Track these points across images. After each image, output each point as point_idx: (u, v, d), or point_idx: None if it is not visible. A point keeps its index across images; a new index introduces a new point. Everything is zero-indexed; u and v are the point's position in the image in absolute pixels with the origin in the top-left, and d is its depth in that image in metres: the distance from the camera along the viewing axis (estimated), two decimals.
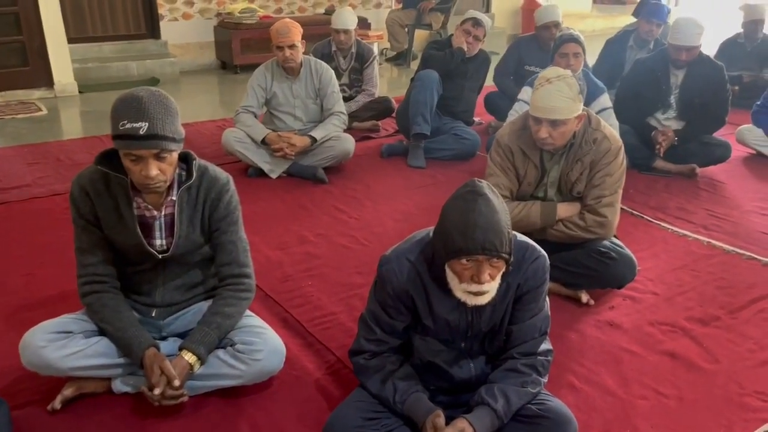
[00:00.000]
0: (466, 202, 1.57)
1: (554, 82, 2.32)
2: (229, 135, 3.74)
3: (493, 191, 1.62)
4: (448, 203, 1.63)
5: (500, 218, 1.56)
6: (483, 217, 1.54)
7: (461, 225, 1.55)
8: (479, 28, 4.16)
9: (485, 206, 1.55)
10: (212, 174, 2.03)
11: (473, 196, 1.57)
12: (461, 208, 1.57)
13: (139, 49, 6.53)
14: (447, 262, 1.61)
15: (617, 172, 2.48)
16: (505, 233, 1.55)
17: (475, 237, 1.52)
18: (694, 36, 3.71)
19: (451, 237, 1.56)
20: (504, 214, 1.59)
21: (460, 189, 1.63)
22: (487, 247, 1.52)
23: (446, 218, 1.60)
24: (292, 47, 3.67)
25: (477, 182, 1.62)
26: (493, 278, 1.59)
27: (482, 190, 1.58)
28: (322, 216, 3.31)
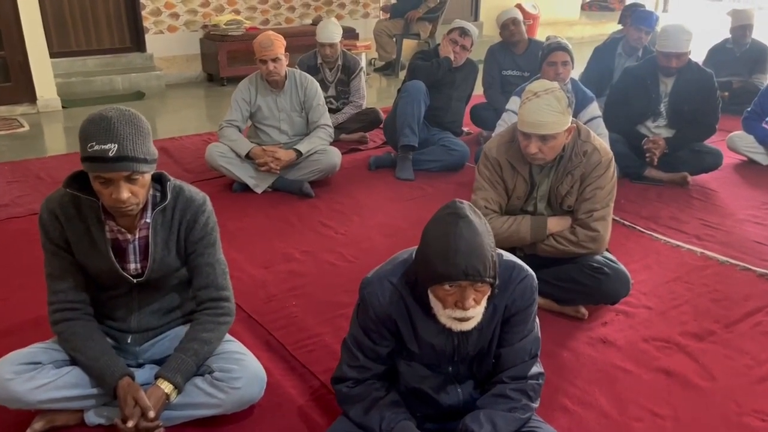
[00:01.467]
0: (447, 225, 1.50)
1: (542, 96, 2.26)
2: (213, 150, 3.67)
3: (475, 212, 1.55)
4: (428, 226, 1.56)
5: (483, 241, 1.49)
6: (464, 240, 1.46)
7: (442, 250, 1.47)
8: (466, 38, 4.11)
9: (467, 229, 1.48)
10: (188, 194, 1.95)
11: (454, 218, 1.50)
12: (442, 232, 1.50)
13: (125, 62, 6.45)
14: (429, 288, 1.54)
15: (608, 185, 2.42)
16: (488, 256, 1.48)
17: (457, 262, 1.45)
18: (682, 42, 3.68)
19: (432, 262, 1.49)
20: (487, 235, 1.51)
21: (441, 211, 1.56)
22: (469, 272, 1.45)
23: (427, 242, 1.53)
24: (275, 60, 3.60)
25: (458, 203, 1.54)
26: (478, 303, 1.52)
27: (463, 212, 1.51)
28: (308, 232, 3.24)
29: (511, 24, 4.63)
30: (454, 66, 4.14)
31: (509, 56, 4.70)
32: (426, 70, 4.10)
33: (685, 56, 3.73)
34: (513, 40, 4.66)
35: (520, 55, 4.66)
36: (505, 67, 4.68)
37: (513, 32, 4.63)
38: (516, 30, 4.63)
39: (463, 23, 4.18)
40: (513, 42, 4.66)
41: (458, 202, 1.55)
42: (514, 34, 4.64)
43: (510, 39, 4.66)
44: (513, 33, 4.64)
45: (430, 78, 4.09)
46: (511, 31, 4.64)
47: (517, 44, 4.66)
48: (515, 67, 4.65)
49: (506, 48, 4.73)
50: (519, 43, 4.66)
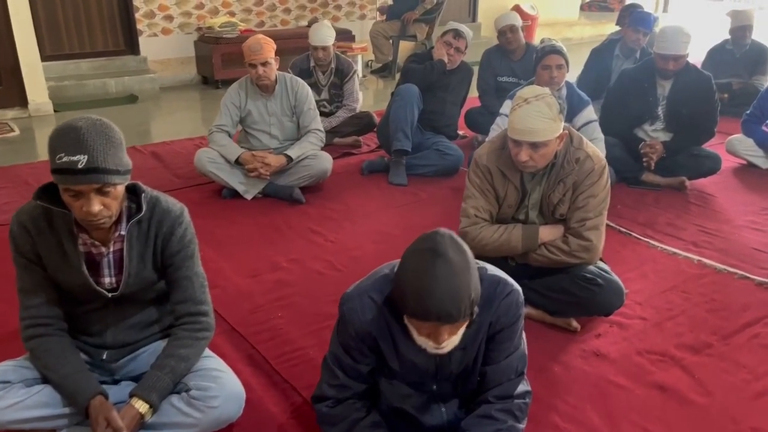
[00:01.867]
0: (424, 262, 1.41)
1: (533, 102, 2.19)
2: (202, 155, 3.60)
3: (457, 245, 1.45)
4: (405, 256, 1.48)
5: (460, 282, 1.40)
6: (439, 283, 1.38)
7: (415, 289, 1.40)
8: (460, 40, 4.05)
9: (443, 269, 1.39)
10: (164, 206, 1.88)
11: (431, 256, 1.41)
12: (418, 269, 1.42)
13: (118, 65, 6.40)
14: (404, 315, 1.47)
15: (601, 193, 2.35)
16: (465, 298, 1.40)
17: (429, 307, 1.38)
18: (680, 44, 3.61)
19: (405, 297, 1.43)
20: (466, 273, 1.42)
21: (420, 242, 1.47)
22: (442, 316, 1.39)
23: (402, 273, 1.45)
24: (265, 64, 3.54)
25: (438, 237, 1.45)
26: (453, 334, 1.46)
27: (442, 248, 1.42)
28: (298, 239, 3.17)
29: (509, 31, 4.53)
30: (449, 69, 4.07)
31: (505, 62, 4.62)
32: (420, 73, 4.04)
33: (683, 59, 3.66)
34: (510, 48, 4.58)
35: (517, 62, 4.57)
36: (501, 73, 4.61)
37: (510, 40, 4.55)
38: (513, 38, 4.54)
39: (456, 25, 4.12)
40: (510, 49, 4.58)
41: (439, 235, 1.46)
42: (510, 42, 4.55)
43: (507, 46, 4.58)
44: (510, 41, 4.55)
45: (423, 81, 4.03)
46: (507, 38, 4.54)
47: (515, 51, 4.58)
48: (511, 73, 4.57)
49: (503, 53, 4.65)
50: (516, 50, 4.58)
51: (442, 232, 1.46)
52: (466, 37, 4.07)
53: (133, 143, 4.76)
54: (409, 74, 4.07)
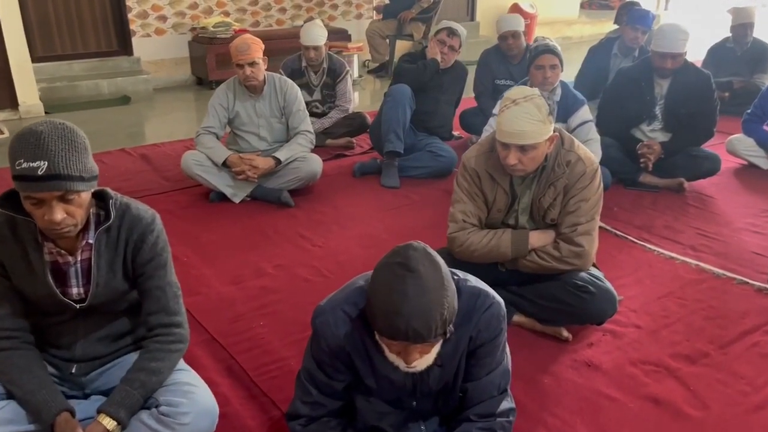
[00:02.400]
0: (394, 278, 1.33)
1: (521, 104, 2.10)
2: (189, 158, 3.53)
3: (430, 260, 1.36)
4: (376, 271, 1.39)
5: (431, 300, 1.31)
6: (409, 302, 1.30)
7: (384, 306, 1.32)
8: (454, 38, 3.96)
9: (414, 287, 1.31)
10: (135, 212, 1.81)
11: (402, 272, 1.33)
12: (387, 285, 1.33)
13: (111, 66, 6.33)
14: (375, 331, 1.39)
15: (593, 197, 2.27)
16: (436, 317, 1.31)
17: (398, 325, 1.30)
18: (678, 42, 3.52)
19: (375, 315, 1.35)
20: (439, 290, 1.33)
21: (392, 255, 1.38)
22: (411, 336, 1.31)
23: (372, 289, 1.37)
24: (252, 65, 3.46)
25: (411, 251, 1.36)
26: (426, 353, 1.38)
27: (413, 264, 1.33)
28: (284, 244, 3.09)
29: (511, 37, 4.41)
30: (443, 68, 3.99)
31: (504, 65, 4.52)
32: (412, 73, 3.96)
33: (681, 57, 3.57)
34: (511, 53, 4.47)
35: (516, 65, 4.47)
36: (499, 76, 4.51)
37: (511, 45, 4.43)
38: (515, 44, 4.43)
39: (450, 23, 4.03)
40: (510, 54, 4.48)
41: (412, 248, 1.37)
42: (512, 47, 4.44)
43: (507, 51, 4.48)
44: (511, 46, 4.44)
45: (416, 81, 3.94)
46: (509, 44, 4.43)
47: (515, 55, 4.48)
48: (509, 76, 4.48)
49: (501, 55, 4.54)
50: (517, 54, 4.48)
51: (416, 246, 1.38)
52: (460, 35, 3.99)
53: (125, 145, 4.68)
54: (402, 74, 3.99)
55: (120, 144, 4.72)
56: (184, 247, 3.03)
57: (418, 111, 4.00)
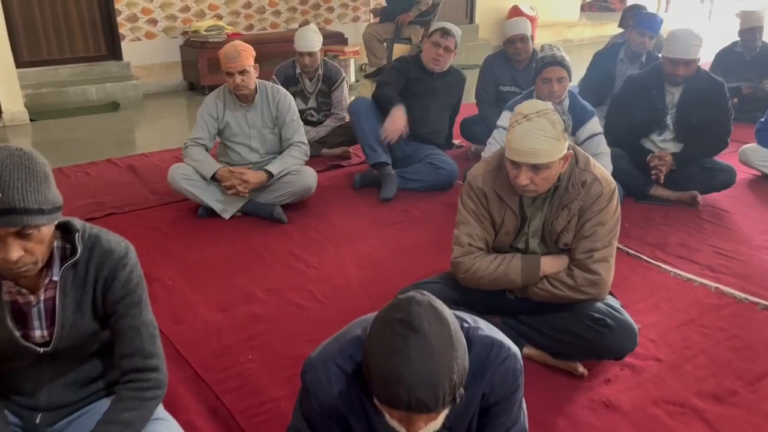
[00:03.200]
0: (395, 338, 1.13)
1: (533, 119, 1.92)
2: (176, 171, 3.33)
3: (437, 315, 1.16)
4: (375, 323, 1.19)
5: (438, 364, 1.12)
6: (413, 368, 1.11)
7: (383, 372, 1.13)
8: (449, 38, 3.76)
9: (418, 349, 1.12)
10: (105, 245, 1.61)
11: (404, 330, 1.13)
12: (387, 346, 1.14)
13: (100, 71, 6.12)
14: None
15: (611, 220, 2.08)
16: (444, 385, 1.12)
17: (400, 394, 1.11)
18: (691, 48, 3.33)
19: (373, 380, 1.16)
20: (447, 352, 1.14)
21: (392, 310, 1.18)
22: (414, 406, 1.12)
23: (369, 349, 1.18)
24: (243, 73, 3.27)
25: (414, 305, 1.16)
26: (431, 422, 1.18)
27: (418, 322, 1.13)
28: (276, 265, 2.90)
29: (519, 41, 4.20)
30: (438, 71, 3.81)
31: (508, 70, 4.32)
32: (394, 75, 3.82)
33: (694, 64, 3.39)
34: (518, 58, 4.28)
35: (521, 71, 4.28)
36: (503, 82, 4.32)
37: (519, 50, 4.22)
38: (523, 48, 4.22)
39: (444, 24, 3.84)
40: (518, 59, 4.29)
41: (415, 302, 1.17)
42: (520, 52, 4.22)
43: (515, 56, 4.28)
44: (519, 51, 4.22)
45: (400, 81, 3.80)
46: (517, 48, 4.21)
47: (521, 61, 4.29)
48: (513, 83, 4.29)
49: (506, 61, 4.34)
50: (523, 59, 4.29)
51: (419, 299, 1.18)
52: (455, 35, 3.79)
53: (112, 154, 4.49)
54: (382, 82, 3.87)
55: (107, 153, 4.52)
56: (169, 268, 2.84)
57: (408, 118, 3.78)
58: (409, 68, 3.86)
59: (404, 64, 3.90)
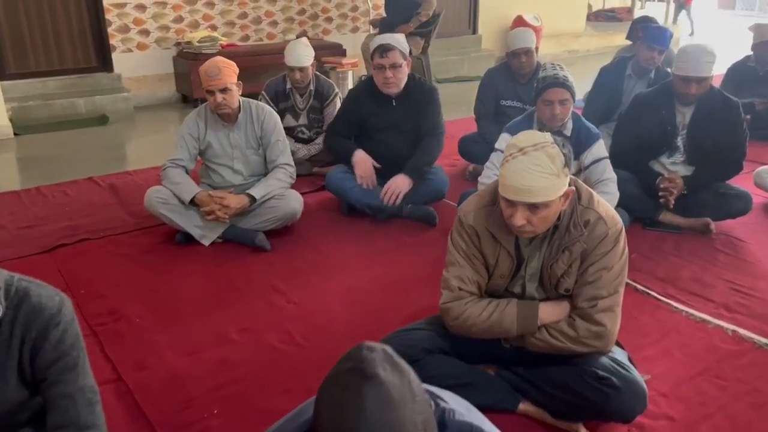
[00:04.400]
0: (345, 390, 0.92)
1: (530, 153, 1.70)
2: (152, 195, 3.12)
3: (393, 363, 0.96)
4: (322, 384, 0.98)
5: (400, 416, 0.91)
6: (369, 420, 0.90)
7: (334, 429, 0.92)
8: (390, 54, 3.29)
9: (374, 399, 0.90)
10: (35, 302, 1.40)
11: (355, 379, 0.93)
12: (337, 401, 0.93)
13: (90, 83, 5.95)
14: None
15: (617, 265, 1.86)
16: None
17: None
18: (704, 65, 3.11)
19: None
20: (408, 403, 0.93)
21: (342, 362, 0.97)
22: None
23: (318, 410, 0.96)
24: (224, 91, 3.07)
25: (365, 351, 0.96)
26: None
27: (371, 369, 0.93)
28: (255, 299, 2.68)
29: (524, 54, 3.97)
30: (396, 91, 3.40)
31: (510, 84, 4.10)
32: (341, 121, 3.55)
33: (707, 82, 3.17)
34: (522, 72, 4.07)
35: (524, 85, 4.06)
36: (505, 96, 4.10)
37: (524, 64, 4.00)
38: (527, 62, 3.99)
39: (381, 38, 3.39)
40: (521, 73, 4.08)
41: (366, 348, 0.96)
42: (524, 65, 4.00)
43: (519, 70, 4.06)
44: (524, 65, 4.00)
45: (352, 125, 3.51)
46: (521, 62, 3.99)
47: (525, 75, 4.08)
48: (516, 97, 4.07)
49: (508, 74, 4.13)
50: (527, 73, 4.08)
51: (372, 346, 0.96)
52: (397, 44, 3.32)
53: (96, 171, 4.31)
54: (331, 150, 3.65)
55: (91, 170, 4.33)
56: (138, 303, 2.63)
57: (375, 155, 3.49)
58: (361, 102, 3.49)
59: (354, 101, 3.54)
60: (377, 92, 3.46)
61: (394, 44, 3.36)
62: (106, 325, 2.47)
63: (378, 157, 3.52)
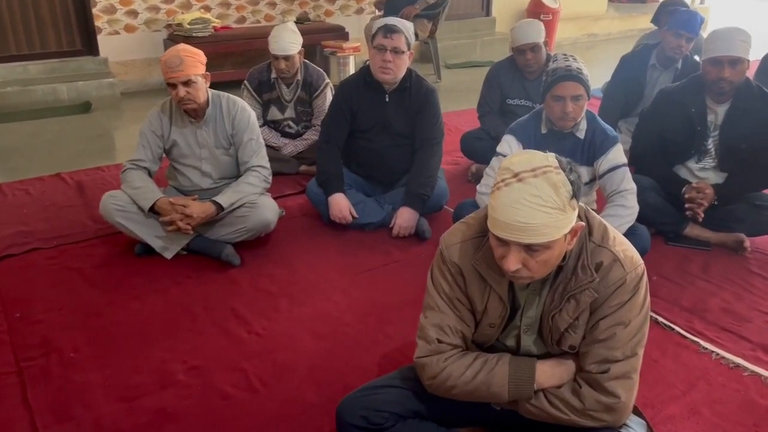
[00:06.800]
0: None
1: (528, 181, 1.31)
2: (108, 201, 2.76)
3: None
4: None
5: None
6: None
7: None
8: (394, 36, 2.92)
9: None
10: None
11: None
12: None
13: (74, 68, 5.59)
14: None
15: (636, 319, 1.47)
16: None
17: None
18: (738, 44, 2.67)
19: None
20: None
21: None
22: None
23: None
24: (188, 84, 2.69)
25: None
26: None
27: None
28: (211, 329, 2.32)
29: (530, 51, 3.55)
30: (391, 81, 2.99)
31: (517, 82, 3.68)
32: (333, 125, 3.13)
33: (742, 65, 2.72)
34: (529, 70, 3.65)
35: (533, 81, 3.63)
36: (511, 95, 3.68)
37: (530, 61, 3.57)
38: (534, 59, 3.56)
39: (389, 19, 3.01)
40: (528, 71, 3.66)
41: None
42: (530, 63, 3.58)
43: (525, 68, 3.64)
44: (530, 62, 3.58)
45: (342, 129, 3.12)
46: (527, 59, 3.57)
47: (533, 72, 3.65)
48: (524, 95, 3.65)
49: (515, 71, 3.69)
50: (535, 71, 3.66)
51: None
52: (404, 31, 2.95)
53: (69, 167, 3.96)
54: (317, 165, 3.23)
55: (63, 164, 3.99)
56: (77, 331, 2.28)
57: (361, 166, 3.18)
58: (354, 93, 3.09)
59: (347, 91, 3.12)
60: (371, 82, 3.06)
61: (401, 28, 2.97)
62: (35, 360, 2.12)
63: (364, 163, 3.17)
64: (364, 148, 3.15)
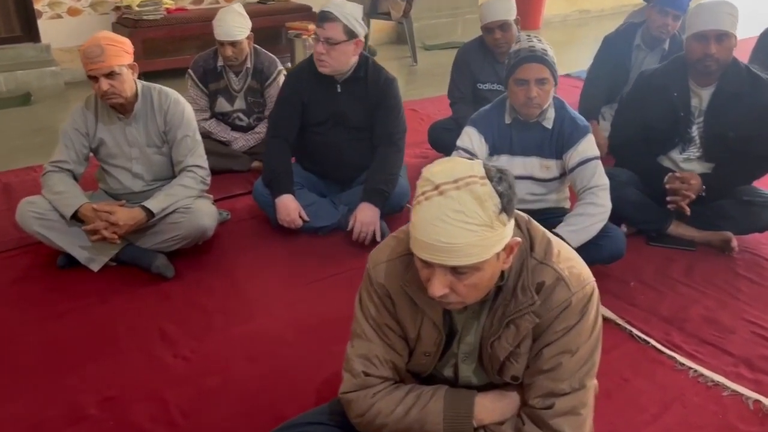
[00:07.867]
0: None
1: (449, 194, 1.19)
2: (25, 209, 2.63)
3: None
4: None
5: None
6: None
7: None
8: (327, 25, 2.74)
9: None
10: None
11: None
12: None
13: (12, 56, 5.41)
14: None
15: (584, 346, 1.36)
16: None
17: None
18: (724, 17, 2.56)
19: None
20: None
21: None
22: None
23: None
24: (110, 76, 2.54)
25: None
26: None
27: None
28: (133, 353, 2.19)
29: (498, 29, 3.44)
30: (329, 72, 2.83)
31: (488, 64, 3.58)
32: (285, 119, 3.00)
33: (728, 41, 2.60)
34: (499, 50, 3.52)
35: (504, 64, 3.51)
36: (482, 79, 3.58)
37: (499, 41, 3.47)
38: (503, 37, 3.45)
39: (328, 5, 2.78)
40: (499, 51, 3.54)
41: None
42: (500, 43, 3.47)
43: (495, 49, 3.53)
44: (499, 41, 3.47)
45: (293, 121, 2.98)
46: (496, 38, 3.47)
47: (504, 53, 3.53)
48: (495, 79, 3.55)
49: (485, 53, 3.60)
50: (506, 51, 3.52)
51: None
52: (343, 19, 2.73)
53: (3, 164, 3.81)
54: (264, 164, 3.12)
55: None
56: None
57: (316, 165, 3.08)
58: (303, 83, 2.96)
59: (295, 80, 2.99)
60: (320, 72, 2.93)
61: (338, 15, 2.75)
62: None
63: (318, 159, 3.05)
64: (317, 143, 3.03)
